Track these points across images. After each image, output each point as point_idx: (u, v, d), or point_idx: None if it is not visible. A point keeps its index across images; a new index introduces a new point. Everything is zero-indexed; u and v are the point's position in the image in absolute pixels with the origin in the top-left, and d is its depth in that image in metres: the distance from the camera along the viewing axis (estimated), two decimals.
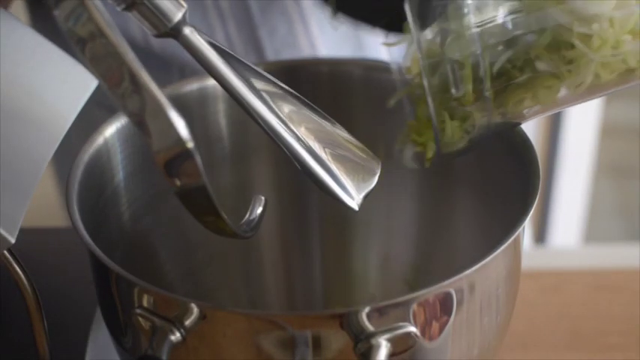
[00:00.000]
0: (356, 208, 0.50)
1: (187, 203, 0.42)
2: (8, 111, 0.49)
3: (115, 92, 0.41)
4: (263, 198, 0.50)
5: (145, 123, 0.41)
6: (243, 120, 0.52)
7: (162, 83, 0.42)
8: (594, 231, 1.76)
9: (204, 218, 0.44)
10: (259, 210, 0.49)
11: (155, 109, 0.40)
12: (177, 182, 0.41)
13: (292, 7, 0.76)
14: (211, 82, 0.55)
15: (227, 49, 0.49)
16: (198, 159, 0.41)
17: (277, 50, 0.77)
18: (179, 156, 0.40)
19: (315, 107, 0.52)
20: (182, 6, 0.47)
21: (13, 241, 0.47)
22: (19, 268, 0.49)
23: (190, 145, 0.40)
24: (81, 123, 0.54)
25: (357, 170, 0.50)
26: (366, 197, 0.50)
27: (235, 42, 0.76)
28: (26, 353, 0.54)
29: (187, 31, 0.47)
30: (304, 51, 0.77)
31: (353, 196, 0.50)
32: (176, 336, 0.45)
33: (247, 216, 0.49)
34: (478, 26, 0.48)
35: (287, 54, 0.77)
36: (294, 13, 0.76)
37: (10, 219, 0.47)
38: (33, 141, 0.50)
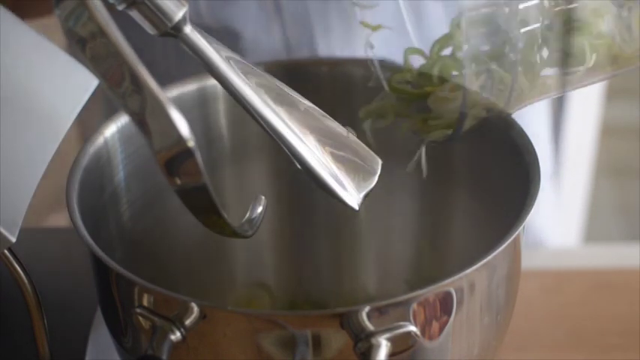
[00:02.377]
0: (356, 207, 0.50)
1: (188, 202, 0.42)
2: (8, 111, 0.49)
3: (116, 92, 0.41)
4: (263, 197, 0.50)
5: (146, 122, 0.41)
6: (243, 120, 0.52)
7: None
8: (594, 231, 1.76)
9: (205, 217, 0.44)
10: (259, 209, 0.49)
11: (156, 108, 0.40)
12: (178, 181, 0.41)
13: (349, 7, 0.76)
14: (211, 82, 0.55)
15: (227, 49, 0.49)
16: (198, 158, 0.41)
17: (331, 49, 0.77)
18: (180, 155, 0.40)
19: (316, 107, 0.52)
20: (183, 5, 0.47)
21: (13, 240, 0.47)
22: (20, 267, 0.49)
23: (191, 143, 0.40)
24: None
25: (357, 169, 0.50)
26: (366, 197, 0.50)
27: (292, 40, 0.76)
28: (26, 353, 0.54)
29: (188, 30, 0.47)
30: (358, 51, 0.77)
31: (353, 196, 0.50)
32: (176, 335, 0.45)
33: (247, 215, 0.49)
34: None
35: (341, 53, 0.77)
36: (350, 13, 0.76)
37: (11, 218, 0.47)
38: (33, 141, 0.50)
